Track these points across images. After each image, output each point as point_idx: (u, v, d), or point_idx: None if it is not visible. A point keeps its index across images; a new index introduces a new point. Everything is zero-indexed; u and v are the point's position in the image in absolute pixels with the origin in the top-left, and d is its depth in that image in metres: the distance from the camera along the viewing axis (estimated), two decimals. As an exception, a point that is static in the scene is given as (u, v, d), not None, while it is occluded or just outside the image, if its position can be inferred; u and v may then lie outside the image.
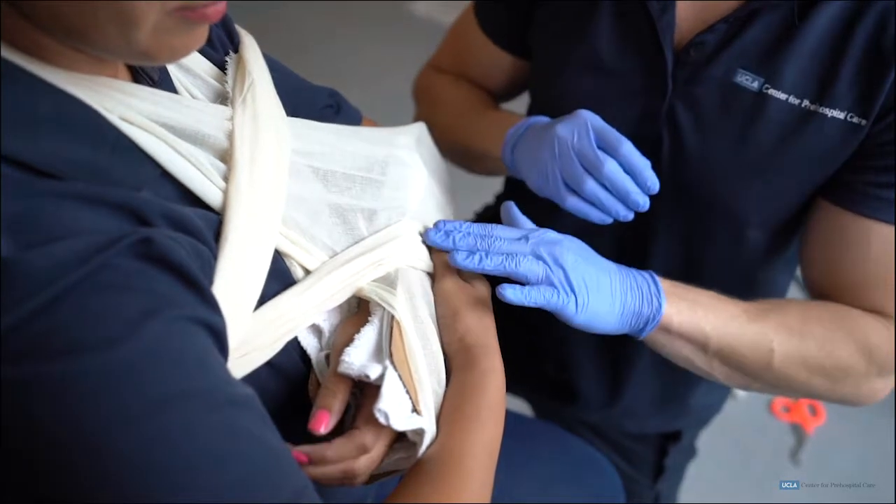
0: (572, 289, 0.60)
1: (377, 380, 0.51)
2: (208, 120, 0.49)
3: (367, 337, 0.54)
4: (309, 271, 0.56)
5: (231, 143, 0.50)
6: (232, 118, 0.51)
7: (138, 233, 0.39)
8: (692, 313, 0.65)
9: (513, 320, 0.66)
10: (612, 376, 0.94)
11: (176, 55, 0.43)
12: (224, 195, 0.48)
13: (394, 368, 0.52)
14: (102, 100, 0.43)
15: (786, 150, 0.69)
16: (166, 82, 0.52)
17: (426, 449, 0.52)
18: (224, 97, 0.54)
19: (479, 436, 0.53)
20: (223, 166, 0.49)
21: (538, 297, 0.59)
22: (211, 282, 0.44)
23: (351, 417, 0.54)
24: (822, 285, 0.74)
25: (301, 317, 0.53)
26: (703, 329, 0.65)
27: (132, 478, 0.36)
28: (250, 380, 0.49)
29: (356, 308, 0.59)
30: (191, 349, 0.39)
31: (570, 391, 0.98)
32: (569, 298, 0.60)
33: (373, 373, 0.51)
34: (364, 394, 0.54)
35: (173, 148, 0.47)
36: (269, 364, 0.51)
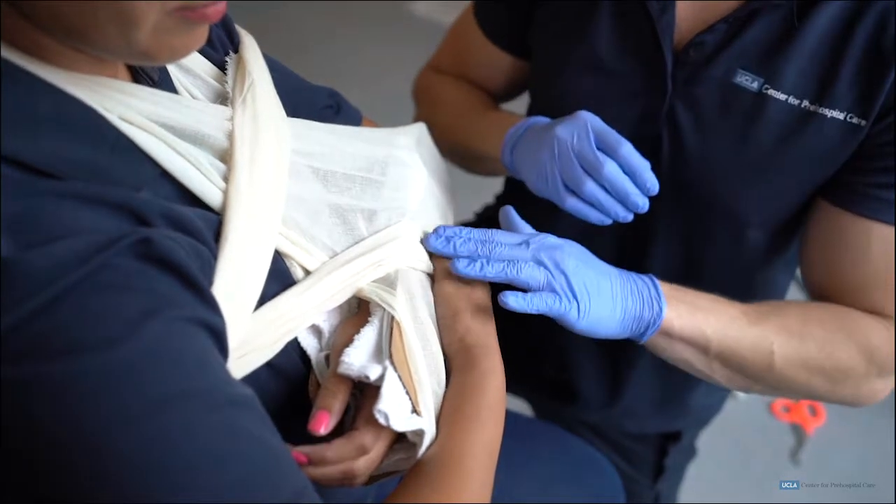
0: (574, 295, 0.60)
1: (377, 380, 0.51)
2: (208, 120, 0.49)
3: (367, 337, 0.54)
4: (309, 272, 0.56)
5: (231, 144, 0.50)
6: (232, 118, 0.51)
7: (138, 233, 0.39)
8: (692, 316, 0.65)
9: (513, 321, 0.66)
10: (612, 376, 0.94)
11: (176, 55, 0.43)
12: (224, 195, 0.48)
13: (394, 369, 0.52)
14: (102, 100, 0.43)
15: (785, 150, 0.69)
16: (166, 82, 0.52)
17: (426, 450, 0.52)
18: (224, 97, 0.54)
19: (479, 436, 0.53)
20: (223, 166, 0.49)
21: (540, 304, 0.59)
22: (210, 282, 0.44)
23: (351, 418, 0.54)
24: (822, 286, 0.74)
25: (301, 317, 0.53)
26: (704, 332, 0.65)
27: (132, 478, 0.36)
28: (250, 380, 0.49)
29: (356, 309, 0.59)
30: (190, 349, 0.39)
31: (570, 391, 0.98)
32: (571, 305, 0.60)
33: (372, 373, 0.51)
34: (364, 394, 0.54)
35: (173, 148, 0.47)
36: (268, 365, 0.51)
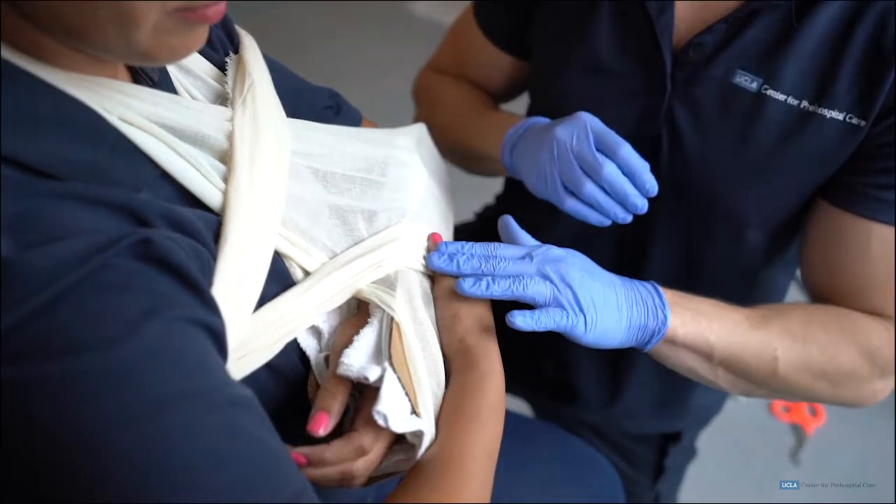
0: (581, 308, 0.59)
1: (376, 381, 0.51)
2: (208, 121, 0.49)
3: (367, 339, 0.54)
4: (308, 273, 0.56)
5: (231, 144, 0.50)
6: (232, 119, 0.51)
7: (138, 233, 0.39)
8: (696, 323, 0.65)
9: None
10: (612, 376, 0.93)
11: (176, 56, 0.43)
12: (223, 196, 0.48)
13: (393, 370, 0.52)
14: (102, 100, 0.43)
15: (785, 150, 0.69)
16: (166, 83, 0.52)
17: (425, 451, 0.52)
18: (224, 98, 0.54)
19: (479, 436, 0.53)
20: (223, 167, 0.49)
21: (548, 321, 0.59)
22: (210, 283, 0.44)
23: (350, 419, 0.54)
24: (822, 287, 0.74)
25: (300, 318, 0.53)
26: (708, 339, 0.65)
27: (132, 478, 0.36)
28: (250, 381, 0.49)
29: (356, 309, 0.59)
30: (190, 350, 0.39)
31: (570, 392, 0.98)
32: (578, 319, 0.59)
33: (372, 374, 0.51)
34: (363, 395, 0.54)
35: (173, 149, 0.47)
36: (268, 366, 0.51)
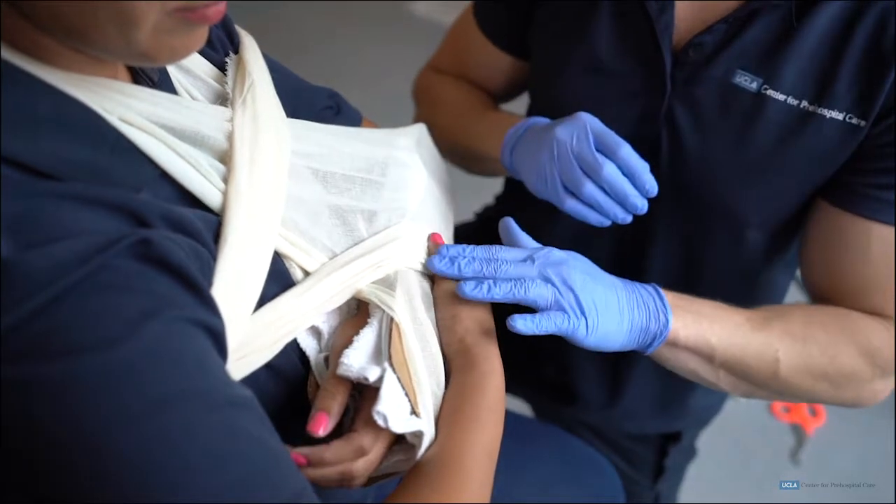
0: (583, 311, 0.59)
1: (376, 382, 0.51)
2: (208, 121, 0.49)
3: (366, 339, 0.54)
4: (308, 273, 0.56)
5: (231, 145, 0.50)
6: (232, 119, 0.51)
7: (137, 234, 0.39)
8: (698, 326, 0.64)
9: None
10: (611, 377, 0.93)
11: (176, 56, 0.43)
12: (223, 196, 0.48)
13: (392, 370, 0.52)
14: (102, 101, 0.43)
15: (785, 150, 0.69)
16: (166, 83, 0.52)
17: (425, 451, 0.52)
18: (224, 98, 0.54)
19: (479, 437, 0.53)
20: (223, 167, 0.49)
21: (549, 324, 0.59)
22: (210, 283, 0.44)
23: (350, 419, 0.54)
24: (822, 287, 0.74)
25: (300, 318, 0.53)
26: (709, 341, 0.65)
27: (132, 478, 0.36)
28: (249, 382, 0.49)
29: (355, 310, 0.59)
30: (190, 350, 0.39)
31: (570, 393, 0.98)
32: (579, 322, 0.59)
33: (371, 375, 0.51)
34: (363, 396, 0.54)
35: (173, 149, 0.47)
36: (268, 366, 0.51)
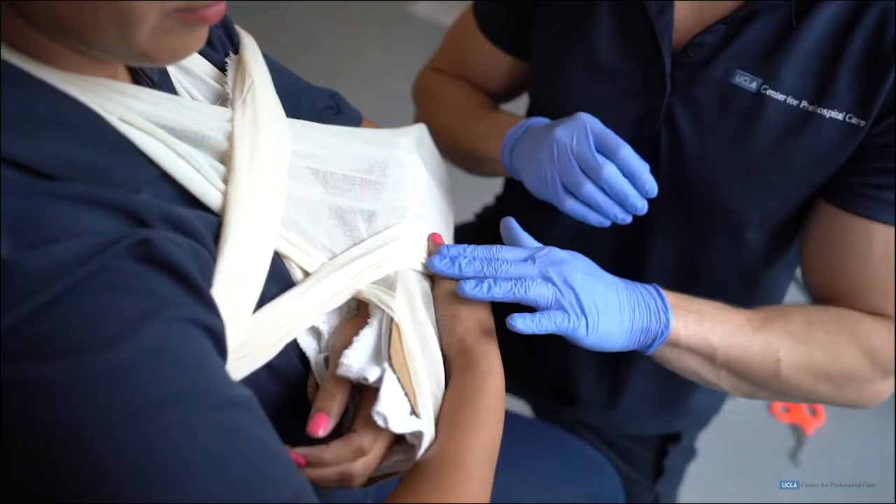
0: (583, 311, 0.59)
1: (376, 382, 0.51)
2: (208, 121, 0.49)
3: (366, 339, 0.54)
4: (308, 273, 0.56)
5: (230, 145, 0.50)
6: (231, 119, 0.51)
7: (137, 234, 0.39)
8: (699, 326, 0.64)
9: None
10: (611, 378, 0.93)
11: (176, 56, 0.43)
12: (223, 197, 0.48)
13: (392, 371, 0.52)
14: (102, 101, 0.43)
15: (784, 150, 0.69)
16: (166, 84, 0.52)
17: (425, 451, 0.52)
18: (224, 98, 0.54)
19: (479, 437, 0.53)
20: (223, 168, 0.49)
21: (549, 324, 0.58)
22: (210, 284, 0.44)
23: (349, 420, 0.54)
24: (823, 287, 0.74)
25: (300, 319, 0.53)
26: (710, 341, 0.65)
27: (132, 478, 0.36)
28: (249, 382, 0.49)
29: (355, 310, 0.59)
30: (190, 350, 0.39)
31: (570, 393, 0.98)
32: (579, 321, 0.59)
33: (371, 375, 0.51)
34: (363, 396, 0.54)
35: (173, 149, 0.47)
36: (267, 366, 0.51)
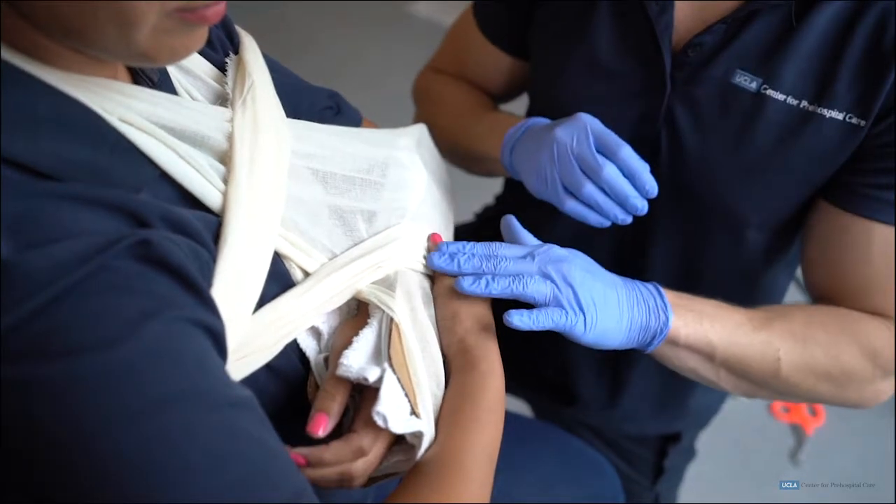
0: (581, 308, 0.59)
1: (375, 382, 0.51)
2: (208, 121, 0.49)
3: (366, 339, 0.54)
4: (308, 273, 0.56)
5: (230, 145, 0.50)
6: (231, 120, 0.51)
7: (137, 234, 0.39)
8: (698, 324, 0.64)
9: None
10: (611, 378, 0.94)
11: (176, 56, 0.43)
12: (223, 197, 0.48)
13: (392, 371, 0.52)
14: (102, 101, 0.43)
15: (785, 150, 0.69)
16: (166, 84, 0.52)
17: (425, 451, 0.52)
18: (224, 99, 0.54)
19: (479, 437, 0.53)
20: (222, 168, 0.49)
21: (546, 320, 0.58)
22: (210, 284, 0.44)
23: (349, 420, 0.54)
24: (823, 287, 0.74)
25: (300, 319, 0.53)
26: (710, 340, 0.65)
27: (132, 478, 0.36)
28: (249, 382, 0.49)
29: (355, 310, 0.59)
30: (190, 350, 0.39)
31: (570, 393, 0.98)
32: (577, 318, 0.59)
33: (371, 375, 0.51)
34: (363, 396, 0.54)
35: (173, 150, 0.47)
36: (267, 366, 0.51)
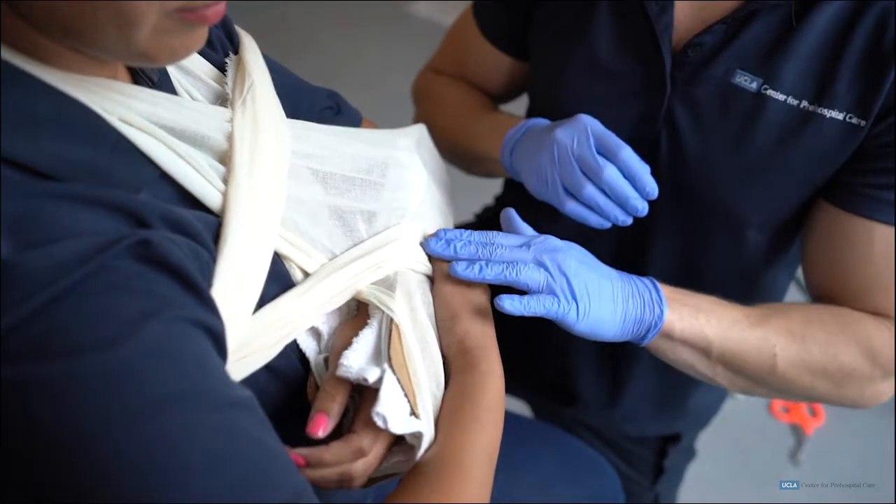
0: (574, 296, 0.60)
1: (375, 383, 0.51)
2: (208, 122, 0.49)
3: (366, 340, 0.54)
4: (308, 274, 0.56)
5: (230, 145, 0.50)
6: (231, 120, 0.51)
7: (137, 235, 0.39)
8: (694, 319, 0.65)
9: (512, 323, 0.66)
10: (611, 377, 0.94)
11: (175, 56, 0.43)
12: (223, 197, 0.48)
13: (392, 372, 0.52)
14: (102, 101, 0.43)
15: (785, 150, 0.69)
16: (166, 84, 0.52)
17: (424, 452, 0.52)
18: (224, 99, 0.54)
19: (479, 437, 0.53)
20: (222, 168, 0.49)
21: (537, 306, 0.59)
22: (210, 284, 0.44)
23: (349, 420, 0.54)
24: (824, 287, 0.74)
25: (300, 319, 0.53)
26: (706, 335, 0.65)
27: (132, 478, 0.36)
28: (249, 382, 0.49)
29: (355, 311, 0.59)
30: (190, 350, 0.39)
31: (570, 393, 0.98)
32: (570, 306, 0.59)
33: (371, 376, 0.51)
34: (362, 397, 0.54)
35: (173, 150, 0.47)
36: (267, 367, 0.51)
